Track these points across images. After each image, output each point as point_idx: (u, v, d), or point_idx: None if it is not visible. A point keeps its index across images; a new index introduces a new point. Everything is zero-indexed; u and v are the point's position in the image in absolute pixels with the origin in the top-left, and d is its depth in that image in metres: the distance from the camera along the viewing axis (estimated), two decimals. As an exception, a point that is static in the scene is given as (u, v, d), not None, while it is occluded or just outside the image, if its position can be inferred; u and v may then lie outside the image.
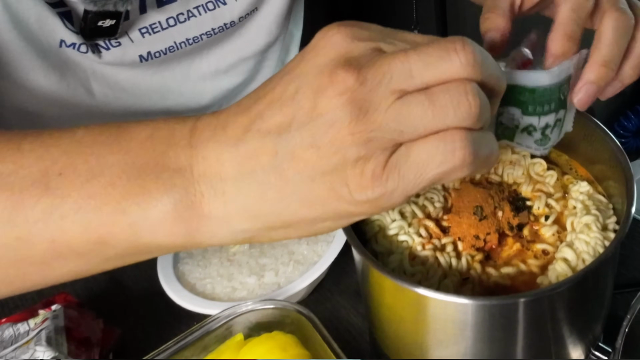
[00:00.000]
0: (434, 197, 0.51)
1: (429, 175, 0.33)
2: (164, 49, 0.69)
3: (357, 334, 0.58)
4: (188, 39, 0.70)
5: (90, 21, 0.61)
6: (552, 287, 0.42)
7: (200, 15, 0.70)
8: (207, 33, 0.71)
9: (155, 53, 0.69)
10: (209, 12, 0.70)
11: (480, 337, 0.44)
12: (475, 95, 0.32)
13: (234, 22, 0.72)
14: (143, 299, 0.64)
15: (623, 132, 1.65)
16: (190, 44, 0.71)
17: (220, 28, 0.72)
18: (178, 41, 0.70)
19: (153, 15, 0.67)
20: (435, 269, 0.46)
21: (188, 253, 0.63)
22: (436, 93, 0.32)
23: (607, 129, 0.49)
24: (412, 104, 0.32)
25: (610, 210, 0.48)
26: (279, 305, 0.50)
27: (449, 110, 0.32)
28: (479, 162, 0.33)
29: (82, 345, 0.54)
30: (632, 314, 0.48)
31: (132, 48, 0.67)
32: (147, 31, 0.67)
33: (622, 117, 1.66)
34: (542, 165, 0.53)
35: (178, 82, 0.73)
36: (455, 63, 0.32)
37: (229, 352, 0.49)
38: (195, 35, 0.70)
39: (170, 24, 0.68)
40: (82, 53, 0.64)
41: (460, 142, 0.32)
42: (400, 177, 0.33)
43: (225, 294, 0.58)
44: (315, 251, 0.61)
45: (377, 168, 0.32)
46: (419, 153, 0.32)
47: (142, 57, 0.68)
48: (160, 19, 0.67)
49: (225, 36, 0.73)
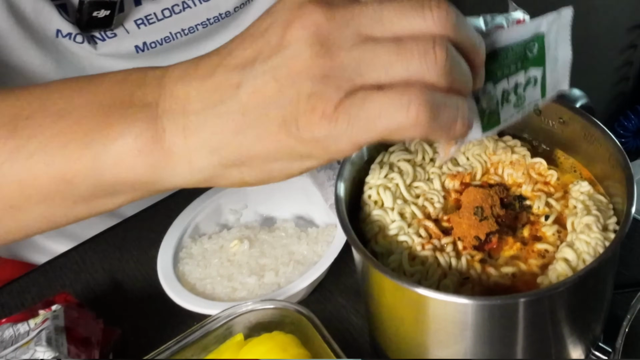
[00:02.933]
0: (433, 197, 0.51)
1: (378, 127, 0.32)
2: (160, 39, 0.70)
3: (357, 334, 0.58)
4: (183, 30, 0.71)
5: (85, 12, 0.62)
6: (553, 287, 0.42)
7: (195, 6, 0.70)
8: (202, 23, 0.71)
9: (152, 44, 0.69)
10: (204, 3, 0.70)
11: (480, 337, 0.44)
12: (443, 47, 0.31)
13: (229, 12, 0.72)
14: (143, 299, 0.64)
15: (623, 132, 1.65)
16: (186, 35, 0.71)
17: (216, 18, 0.72)
18: (174, 32, 0.70)
19: (148, 7, 0.67)
20: (434, 268, 0.46)
21: (188, 253, 0.63)
22: (404, 41, 0.32)
23: (607, 129, 0.49)
24: (377, 48, 0.32)
25: (611, 211, 0.48)
26: (279, 305, 0.50)
27: (413, 57, 0.31)
28: (437, 126, 0.32)
29: (82, 346, 0.54)
30: (632, 314, 0.48)
31: (127, 39, 0.68)
32: (142, 22, 0.68)
33: (622, 117, 1.66)
34: (542, 164, 0.53)
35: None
36: (428, 17, 0.32)
37: (229, 352, 0.49)
38: (191, 26, 0.71)
39: (166, 15, 0.69)
40: (78, 43, 0.65)
41: (417, 99, 0.31)
42: (350, 121, 0.32)
43: (225, 294, 0.58)
44: (315, 251, 0.61)
45: (327, 107, 0.32)
46: (373, 102, 0.31)
47: (139, 47, 0.69)
48: (156, 10, 0.68)
49: (222, 26, 0.74)
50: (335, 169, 0.60)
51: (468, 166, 0.54)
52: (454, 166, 0.53)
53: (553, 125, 0.53)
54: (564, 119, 0.52)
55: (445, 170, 0.53)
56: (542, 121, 0.53)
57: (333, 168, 0.61)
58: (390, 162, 0.52)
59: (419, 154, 0.53)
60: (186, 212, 0.65)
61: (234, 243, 0.63)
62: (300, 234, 0.63)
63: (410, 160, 0.53)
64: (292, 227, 0.64)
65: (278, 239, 0.63)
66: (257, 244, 0.63)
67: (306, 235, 0.63)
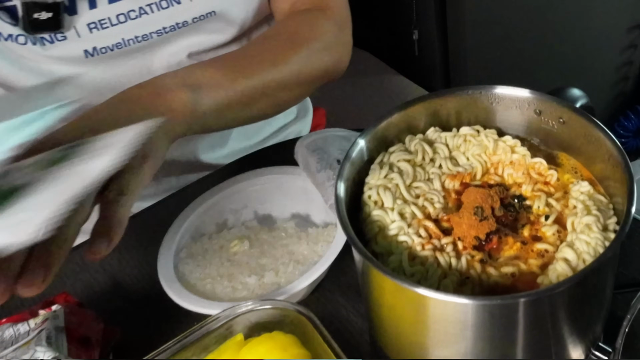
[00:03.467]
0: (433, 197, 0.51)
1: None
2: (111, 45, 0.69)
3: (357, 334, 0.58)
4: (137, 37, 0.70)
5: (26, 13, 0.62)
6: (553, 287, 0.42)
7: (152, 13, 0.69)
8: (157, 32, 0.71)
9: (102, 49, 0.69)
10: (162, 10, 0.69)
11: (480, 337, 0.44)
12: None
13: (186, 22, 0.71)
14: (143, 299, 0.64)
15: (623, 132, 1.65)
16: (139, 42, 0.70)
17: (172, 27, 0.71)
18: (126, 38, 0.69)
19: (103, 11, 0.67)
20: (434, 268, 0.46)
21: (188, 253, 0.63)
22: None
23: (607, 129, 0.49)
24: None
25: (611, 211, 0.48)
26: (279, 305, 0.50)
27: None
28: None
29: (82, 345, 0.54)
30: (632, 314, 0.48)
31: (78, 43, 0.67)
32: (95, 26, 0.67)
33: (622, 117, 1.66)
34: (542, 164, 0.53)
35: (131, 78, 0.70)
36: None
37: (229, 352, 0.49)
38: (145, 33, 0.70)
39: (121, 20, 0.68)
40: (21, 45, 0.65)
41: None
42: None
43: (225, 294, 0.58)
44: (315, 251, 0.61)
45: None
46: None
47: (88, 52, 0.68)
48: (110, 15, 0.67)
49: (176, 35, 0.73)
50: (335, 169, 0.60)
51: (468, 166, 0.54)
52: (454, 166, 0.53)
53: (553, 125, 0.53)
54: (564, 119, 0.52)
55: (445, 170, 0.53)
56: (542, 121, 0.53)
57: (333, 168, 0.61)
58: (390, 162, 0.52)
59: (418, 154, 0.53)
60: (186, 212, 0.65)
61: (234, 243, 0.63)
62: (300, 234, 0.63)
63: (410, 161, 0.53)
64: (292, 227, 0.64)
65: (278, 239, 0.63)
66: (257, 244, 0.63)
67: (306, 235, 0.63)
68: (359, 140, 0.52)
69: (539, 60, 1.48)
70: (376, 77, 1.42)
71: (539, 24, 1.43)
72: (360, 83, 1.39)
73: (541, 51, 1.47)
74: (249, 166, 0.69)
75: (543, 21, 1.43)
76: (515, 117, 0.54)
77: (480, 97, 0.54)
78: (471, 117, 0.55)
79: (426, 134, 0.55)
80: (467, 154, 0.54)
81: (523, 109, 0.53)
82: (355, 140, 0.52)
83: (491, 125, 0.55)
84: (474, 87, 0.54)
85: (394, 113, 0.54)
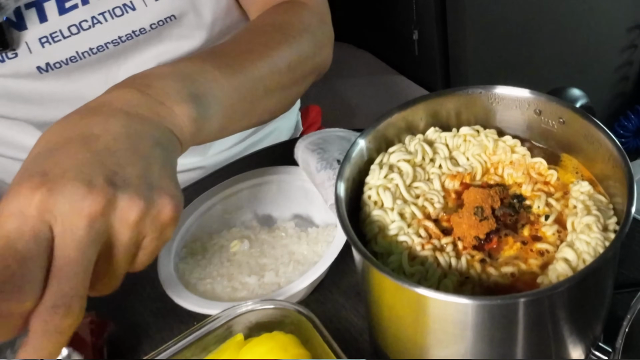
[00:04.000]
0: (433, 198, 0.51)
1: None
2: (65, 59, 0.67)
3: (357, 334, 0.58)
4: (92, 48, 0.67)
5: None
6: (553, 286, 0.42)
7: (106, 22, 0.67)
8: (113, 41, 0.68)
9: (55, 64, 0.66)
10: (116, 19, 0.67)
11: (480, 337, 0.44)
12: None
13: (144, 29, 0.69)
14: (143, 298, 0.64)
15: (623, 132, 1.65)
16: (95, 53, 0.68)
17: (129, 36, 0.68)
18: (81, 50, 0.67)
19: (54, 23, 0.65)
20: (434, 268, 0.46)
21: (188, 253, 0.63)
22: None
23: (607, 129, 0.49)
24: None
25: (611, 211, 0.48)
26: (279, 305, 0.50)
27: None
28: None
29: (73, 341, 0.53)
30: (632, 314, 0.48)
31: (29, 59, 0.65)
32: (47, 40, 0.65)
33: (622, 117, 1.66)
34: (542, 164, 0.53)
35: (95, 90, 0.63)
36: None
37: (229, 352, 0.49)
38: (100, 44, 0.67)
39: (73, 32, 0.66)
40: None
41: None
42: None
43: (225, 294, 0.58)
44: (315, 251, 0.61)
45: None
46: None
47: (41, 68, 0.66)
48: (62, 27, 0.65)
49: (140, 43, 0.70)
50: (335, 169, 0.60)
51: (468, 166, 0.54)
52: (454, 166, 0.53)
53: (553, 125, 0.53)
54: (564, 119, 0.52)
55: (445, 170, 0.53)
56: (542, 121, 0.53)
57: (333, 168, 0.61)
58: (390, 162, 0.52)
59: (418, 154, 0.53)
60: (186, 212, 0.65)
61: (234, 243, 0.63)
62: (300, 234, 0.63)
63: (410, 161, 0.53)
64: (292, 227, 0.64)
65: (278, 239, 0.63)
66: (257, 244, 0.63)
67: (306, 235, 0.63)
68: (359, 140, 0.52)
69: (539, 60, 1.48)
70: (376, 77, 1.42)
71: (539, 24, 1.43)
72: (360, 83, 1.39)
73: (541, 51, 1.47)
74: (248, 166, 0.69)
75: (543, 21, 1.43)
76: (515, 117, 0.54)
77: (480, 97, 0.54)
78: (471, 117, 0.55)
79: (426, 134, 0.55)
80: (467, 154, 0.54)
81: (523, 109, 0.53)
82: (355, 140, 0.52)
83: (491, 125, 0.55)
84: (474, 87, 0.54)
85: (394, 113, 0.54)
